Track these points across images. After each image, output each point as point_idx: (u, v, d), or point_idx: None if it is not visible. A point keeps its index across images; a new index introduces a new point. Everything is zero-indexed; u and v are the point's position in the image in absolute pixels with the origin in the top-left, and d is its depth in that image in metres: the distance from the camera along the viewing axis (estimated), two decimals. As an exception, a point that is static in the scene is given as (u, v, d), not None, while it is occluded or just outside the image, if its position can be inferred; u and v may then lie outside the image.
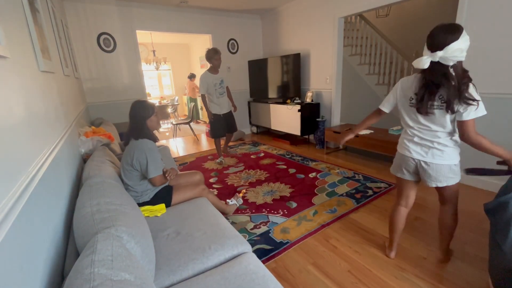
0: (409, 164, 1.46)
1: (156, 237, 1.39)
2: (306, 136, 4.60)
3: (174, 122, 5.66)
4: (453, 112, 1.22)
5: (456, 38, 1.15)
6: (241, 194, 2.46)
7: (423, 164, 1.40)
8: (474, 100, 1.18)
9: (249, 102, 5.46)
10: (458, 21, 2.50)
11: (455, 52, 1.15)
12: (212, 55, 3.34)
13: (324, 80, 4.15)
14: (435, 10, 4.75)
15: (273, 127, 4.90)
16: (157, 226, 1.50)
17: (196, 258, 1.23)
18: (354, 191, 2.64)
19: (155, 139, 1.78)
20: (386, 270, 1.60)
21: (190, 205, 1.75)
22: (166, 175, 1.69)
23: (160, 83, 8.42)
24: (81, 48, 3.69)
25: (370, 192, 2.60)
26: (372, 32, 4.81)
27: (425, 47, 1.25)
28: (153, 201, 1.74)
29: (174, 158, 3.93)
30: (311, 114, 4.28)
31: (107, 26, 3.82)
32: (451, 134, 1.32)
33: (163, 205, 1.71)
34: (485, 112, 1.21)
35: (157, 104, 7.33)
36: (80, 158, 2.05)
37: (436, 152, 1.35)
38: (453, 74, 1.20)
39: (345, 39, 4.68)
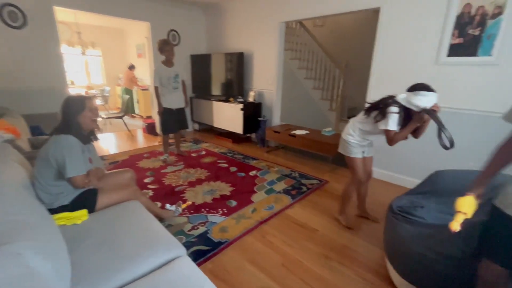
0: None
1: (76, 248, 1.22)
2: (249, 135, 4.68)
3: (104, 116, 5.06)
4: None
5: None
6: (184, 205, 2.31)
7: None
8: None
9: (191, 98, 5.26)
10: (378, 38, 2.89)
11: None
12: (162, 46, 3.17)
13: (266, 80, 4.28)
14: (361, 26, 5.39)
15: (215, 125, 4.84)
16: (77, 235, 1.32)
17: (123, 268, 1.13)
18: (290, 188, 2.81)
19: (85, 138, 1.59)
20: (315, 260, 1.75)
21: (118, 209, 1.59)
22: (86, 181, 1.52)
23: (87, 70, 7.40)
24: (-25, 19, 2.96)
25: (304, 188, 2.81)
26: (310, 40, 5.18)
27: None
28: (73, 206, 1.52)
29: (101, 156, 3.52)
30: (254, 113, 4.37)
31: (13, -4, 3.15)
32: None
33: (84, 211, 1.50)
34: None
35: (83, 94, 6.42)
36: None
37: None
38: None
39: (287, 43, 4.91)
